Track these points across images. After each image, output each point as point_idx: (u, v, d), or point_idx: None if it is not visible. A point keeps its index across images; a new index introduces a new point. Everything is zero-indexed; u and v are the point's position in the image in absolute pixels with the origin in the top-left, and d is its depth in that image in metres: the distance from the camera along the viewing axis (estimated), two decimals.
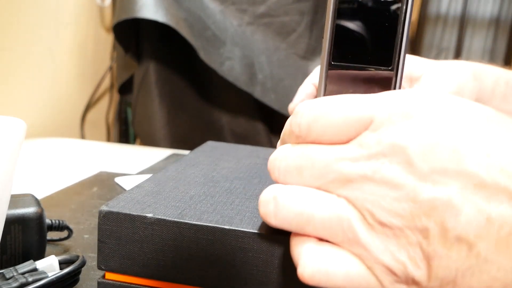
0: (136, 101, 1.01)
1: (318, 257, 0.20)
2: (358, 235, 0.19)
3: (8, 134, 0.22)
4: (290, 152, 0.22)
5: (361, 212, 0.19)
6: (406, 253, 0.19)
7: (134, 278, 0.26)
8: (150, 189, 0.29)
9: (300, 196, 0.21)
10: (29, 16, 0.85)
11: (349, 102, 0.21)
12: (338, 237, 0.20)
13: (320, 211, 0.20)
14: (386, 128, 0.20)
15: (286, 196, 0.21)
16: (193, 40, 0.88)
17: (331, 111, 0.21)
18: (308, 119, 0.21)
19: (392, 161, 0.19)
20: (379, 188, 0.19)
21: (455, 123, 0.19)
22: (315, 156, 0.21)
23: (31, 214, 0.32)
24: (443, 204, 0.18)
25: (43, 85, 0.92)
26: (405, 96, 0.21)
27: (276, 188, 0.22)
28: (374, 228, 0.19)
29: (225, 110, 1.01)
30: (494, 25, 2.67)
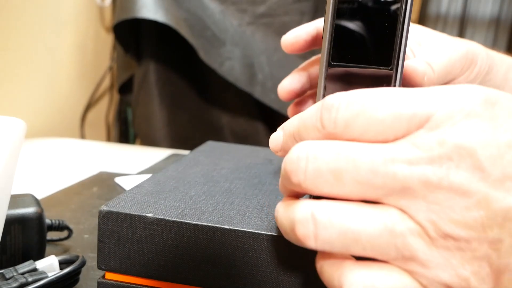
0: (136, 101, 1.01)
1: (364, 278, 0.18)
2: (416, 251, 0.17)
3: (8, 134, 0.22)
4: (321, 151, 0.18)
5: (421, 224, 0.17)
6: (471, 268, 0.17)
7: (134, 278, 0.26)
8: (150, 189, 0.29)
9: (343, 210, 0.18)
10: (29, 16, 0.85)
11: (399, 96, 0.18)
12: (390, 256, 0.18)
13: (369, 227, 0.18)
14: (447, 127, 0.17)
15: (327, 212, 0.18)
16: (193, 40, 0.88)
17: (378, 105, 0.18)
18: (346, 114, 0.18)
19: (460, 166, 0.17)
20: (447, 197, 0.17)
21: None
22: (358, 156, 0.18)
23: (31, 214, 0.32)
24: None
25: (43, 85, 0.92)
26: (465, 91, 0.18)
27: (313, 204, 0.19)
28: (435, 242, 0.17)
29: (225, 110, 1.01)
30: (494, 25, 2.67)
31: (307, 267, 0.23)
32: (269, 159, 0.41)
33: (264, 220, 0.25)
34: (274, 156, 0.42)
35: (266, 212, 0.26)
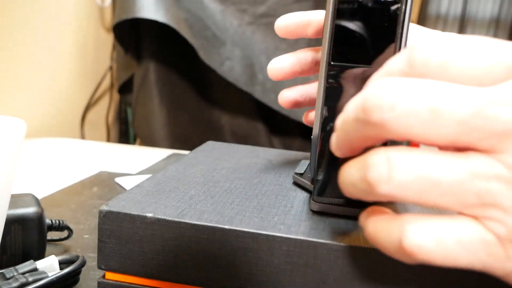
0: (136, 101, 1.01)
1: (431, 228, 0.17)
2: (500, 197, 0.16)
3: (8, 134, 0.22)
4: (415, 87, 0.17)
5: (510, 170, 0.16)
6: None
7: (134, 278, 0.26)
8: (150, 189, 0.29)
9: (423, 155, 0.17)
10: (29, 16, 0.85)
11: (498, 44, 0.17)
12: (469, 202, 0.17)
13: (451, 171, 0.17)
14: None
15: (405, 156, 0.17)
16: (193, 40, 0.88)
17: (476, 48, 0.17)
18: (441, 54, 0.17)
19: None
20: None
21: None
22: (459, 95, 0.16)
23: (31, 214, 0.32)
24: None
25: (43, 85, 0.92)
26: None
27: (389, 149, 0.17)
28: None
29: (225, 110, 1.01)
30: (494, 25, 2.68)
31: (307, 267, 0.23)
32: (269, 159, 0.41)
33: (264, 220, 0.25)
34: (274, 156, 0.42)
35: (266, 212, 0.27)
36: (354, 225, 0.25)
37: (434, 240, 0.17)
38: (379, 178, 0.17)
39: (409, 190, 0.17)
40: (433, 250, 0.17)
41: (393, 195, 0.17)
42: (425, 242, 0.17)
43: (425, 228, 0.17)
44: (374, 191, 0.18)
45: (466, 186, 0.17)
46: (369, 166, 0.18)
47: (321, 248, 0.23)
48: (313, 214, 0.27)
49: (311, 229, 0.24)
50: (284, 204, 0.28)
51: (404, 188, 0.17)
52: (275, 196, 0.30)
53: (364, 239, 0.23)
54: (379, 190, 0.17)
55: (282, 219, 0.26)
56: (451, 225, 0.17)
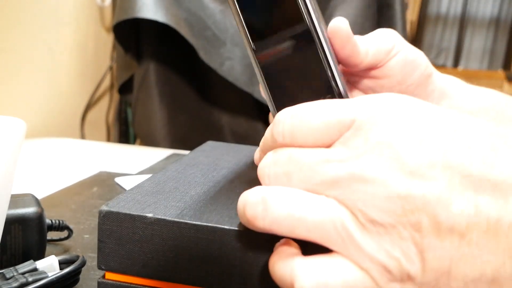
0: (136, 101, 1.01)
1: (313, 269, 0.20)
2: (352, 234, 0.20)
3: (8, 134, 0.22)
4: (278, 158, 0.22)
5: (353, 212, 0.20)
6: (400, 249, 0.19)
7: (134, 278, 0.26)
8: (150, 189, 0.29)
9: (291, 196, 0.21)
10: (29, 16, 0.85)
11: (328, 106, 0.22)
12: (331, 238, 0.20)
13: (313, 212, 0.20)
14: (370, 127, 0.20)
15: (276, 197, 0.21)
16: (193, 40, 0.88)
17: (312, 116, 0.21)
18: (290, 127, 0.22)
19: (381, 158, 0.19)
20: (369, 187, 0.19)
21: (434, 121, 0.20)
22: (302, 160, 0.21)
23: (31, 214, 0.32)
24: (434, 198, 0.18)
25: (43, 85, 0.92)
26: (383, 98, 0.21)
27: (264, 189, 0.21)
28: (366, 227, 0.19)
29: (225, 110, 1.01)
30: (494, 25, 2.68)
31: None
32: None
33: None
34: None
35: None
36: None
37: (324, 282, 0.20)
38: (255, 215, 0.21)
39: (282, 226, 0.21)
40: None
41: (269, 229, 0.21)
42: (315, 285, 0.20)
43: (314, 271, 0.20)
44: (252, 226, 0.21)
45: (326, 222, 0.20)
46: (247, 205, 0.21)
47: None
48: None
49: None
50: None
51: (277, 224, 0.21)
52: None
53: None
54: (256, 225, 0.21)
55: None
56: (337, 267, 0.20)
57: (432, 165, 0.19)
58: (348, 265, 0.20)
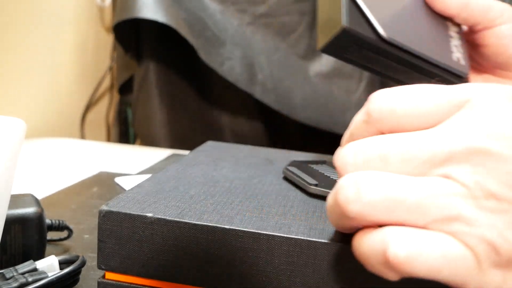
0: (136, 101, 1.01)
1: (409, 237, 0.18)
2: (462, 210, 0.18)
3: (8, 134, 0.22)
4: (368, 143, 0.20)
5: (466, 185, 0.18)
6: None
7: (134, 278, 0.26)
8: (150, 189, 0.29)
9: (388, 177, 0.19)
10: (29, 16, 0.85)
11: (436, 88, 0.20)
12: (435, 216, 0.18)
13: (414, 191, 0.18)
14: (485, 108, 0.19)
15: (372, 178, 0.19)
16: (193, 40, 0.88)
17: (419, 93, 0.20)
18: (391, 101, 0.20)
19: (504, 137, 0.18)
20: (491, 160, 0.18)
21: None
22: (402, 140, 0.20)
23: (31, 214, 0.32)
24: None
25: (43, 85, 0.92)
26: (503, 86, 0.20)
27: (358, 174, 0.20)
28: (480, 202, 0.18)
29: (225, 110, 1.01)
30: None
31: (307, 267, 0.23)
32: (269, 159, 0.41)
33: (264, 220, 0.25)
34: (274, 156, 0.42)
35: (266, 212, 0.27)
36: None
37: (419, 252, 0.18)
38: (347, 198, 0.19)
39: (377, 209, 0.19)
40: (418, 261, 0.18)
41: (363, 214, 0.19)
42: (410, 253, 0.18)
43: (409, 239, 0.18)
44: (344, 212, 0.19)
45: (430, 200, 0.18)
46: (339, 190, 0.20)
47: (321, 248, 0.23)
48: (313, 214, 0.27)
49: (311, 229, 0.24)
50: (284, 204, 0.28)
51: (373, 207, 0.19)
52: (275, 196, 0.30)
53: None
54: (349, 209, 0.19)
55: (282, 219, 0.26)
56: (435, 238, 0.18)
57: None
58: (451, 239, 0.18)
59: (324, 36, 0.27)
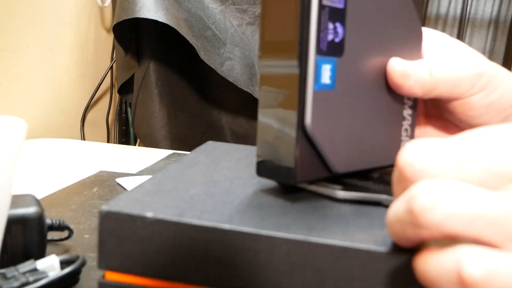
0: (136, 101, 1.01)
1: (485, 256, 0.17)
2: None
3: (9, 134, 0.22)
4: (445, 145, 0.19)
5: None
6: None
7: (134, 277, 0.26)
8: (150, 189, 0.29)
9: (469, 189, 0.18)
10: (30, 16, 0.85)
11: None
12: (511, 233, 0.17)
13: (498, 205, 0.17)
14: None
15: (452, 189, 0.18)
16: (193, 40, 0.88)
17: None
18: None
19: None
20: None
21: None
22: (483, 147, 0.19)
23: (31, 214, 0.32)
24: None
25: (43, 85, 0.92)
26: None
27: (436, 181, 0.18)
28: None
29: (225, 110, 1.01)
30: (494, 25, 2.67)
31: (307, 267, 0.23)
32: None
33: (264, 220, 0.25)
34: None
35: (266, 212, 0.27)
36: (354, 225, 0.25)
37: (497, 272, 0.17)
38: (426, 205, 0.18)
39: (456, 220, 0.17)
40: (496, 281, 0.17)
41: (440, 224, 0.18)
42: (487, 273, 0.17)
43: (486, 259, 0.17)
44: (419, 221, 0.18)
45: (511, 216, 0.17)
46: (414, 197, 0.18)
47: (321, 248, 0.23)
48: (313, 214, 0.27)
49: (311, 229, 0.24)
50: (284, 204, 0.28)
51: (451, 217, 0.17)
52: (275, 196, 0.30)
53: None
54: (426, 218, 0.18)
55: (282, 219, 0.26)
56: (508, 257, 0.17)
57: None
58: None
59: (268, 173, 0.27)
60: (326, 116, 0.26)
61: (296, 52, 0.25)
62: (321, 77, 0.26)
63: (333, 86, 0.26)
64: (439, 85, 0.30)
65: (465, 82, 0.31)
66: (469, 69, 0.31)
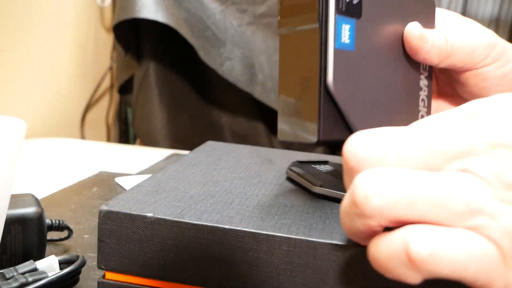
0: (136, 101, 1.01)
1: (432, 235, 0.17)
2: (484, 203, 0.17)
3: (8, 134, 0.22)
4: (383, 135, 0.20)
5: (486, 178, 0.18)
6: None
7: (134, 277, 0.26)
8: (150, 189, 0.29)
9: (407, 173, 0.18)
10: (29, 16, 0.85)
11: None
12: (457, 212, 0.18)
13: (435, 186, 0.18)
14: (501, 108, 0.19)
15: (391, 175, 0.18)
16: (193, 40, 0.88)
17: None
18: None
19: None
20: (505, 152, 0.18)
21: None
22: (420, 133, 0.19)
23: (31, 214, 0.32)
24: None
25: (43, 85, 0.92)
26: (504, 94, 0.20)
27: (375, 170, 0.19)
28: (500, 194, 0.18)
29: (225, 110, 1.01)
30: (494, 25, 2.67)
31: (307, 267, 0.23)
32: (269, 159, 0.41)
33: (264, 220, 0.25)
34: (274, 156, 0.42)
35: (266, 212, 0.26)
36: None
37: (443, 248, 0.17)
38: (366, 195, 0.18)
39: (398, 205, 0.18)
40: (443, 258, 0.17)
41: (383, 210, 0.18)
42: (434, 250, 0.17)
43: (432, 236, 0.17)
44: (363, 210, 0.18)
45: (451, 196, 0.18)
46: (356, 187, 0.18)
47: (321, 248, 0.23)
48: (313, 214, 0.27)
49: (311, 229, 0.24)
50: (284, 204, 0.28)
51: (393, 203, 0.18)
52: (275, 196, 0.30)
53: None
54: (369, 206, 0.18)
55: (282, 219, 0.26)
56: (458, 235, 0.17)
57: None
58: (474, 235, 0.18)
59: (289, 134, 0.27)
60: (347, 75, 0.26)
61: (316, 10, 0.25)
62: (341, 36, 0.26)
63: (353, 47, 0.26)
64: (454, 52, 0.31)
65: (479, 52, 0.31)
66: (484, 39, 0.31)
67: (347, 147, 0.20)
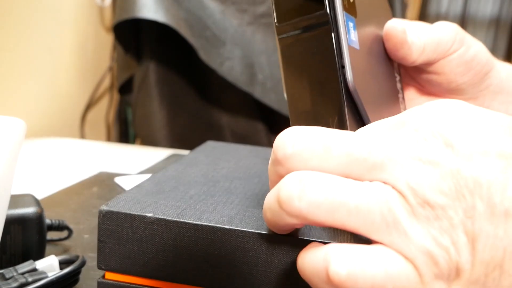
0: (136, 101, 1.01)
1: (350, 255, 0.18)
2: (399, 218, 0.18)
3: (8, 134, 0.22)
4: (313, 132, 0.20)
5: (402, 191, 0.18)
6: (449, 238, 0.17)
7: (134, 278, 0.26)
8: (150, 189, 0.29)
9: (332, 180, 0.19)
10: (29, 16, 0.85)
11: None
12: (374, 223, 0.18)
13: (356, 194, 0.18)
14: (419, 121, 0.19)
15: (316, 179, 0.19)
16: (193, 40, 0.88)
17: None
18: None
19: (434, 144, 0.18)
20: (424, 166, 0.18)
21: (487, 118, 0.19)
22: (346, 137, 0.20)
23: (31, 214, 0.32)
24: (488, 180, 0.17)
25: (43, 85, 0.92)
26: (439, 102, 0.21)
27: (303, 172, 0.19)
28: (415, 210, 0.18)
29: (225, 110, 1.01)
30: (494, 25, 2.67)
31: None
32: (269, 159, 0.41)
33: (264, 220, 0.25)
34: None
35: None
36: None
37: (361, 269, 0.18)
38: (290, 195, 0.19)
39: (320, 209, 0.18)
40: (360, 279, 0.18)
41: (305, 212, 0.19)
42: (351, 271, 0.18)
43: (350, 256, 0.18)
44: (286, 209, 0.19)
45: (371, 204, 0.18)
46: (282, 187, 0.19)
47: None
48: None
49: (311, 228, 0.24)
50: None
51: (316, 207, 0.18)
52: None
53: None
54: (292, 207, 0.19)
55: None
56: (375, 254, 0.18)
57: (485, 153, 0.18)
58: (391, 254, 0.18)
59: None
60: (360, 73, 0.26)
61: (325, 9, 0.25)
62: (350, 33, 0.26)
63: (358, 45, 0.26)
64: (427, 46, 0.32)
65: (446, 40, 0.33)
66: (444, 29, 0.33)
67: (279, 139, 0.20)
